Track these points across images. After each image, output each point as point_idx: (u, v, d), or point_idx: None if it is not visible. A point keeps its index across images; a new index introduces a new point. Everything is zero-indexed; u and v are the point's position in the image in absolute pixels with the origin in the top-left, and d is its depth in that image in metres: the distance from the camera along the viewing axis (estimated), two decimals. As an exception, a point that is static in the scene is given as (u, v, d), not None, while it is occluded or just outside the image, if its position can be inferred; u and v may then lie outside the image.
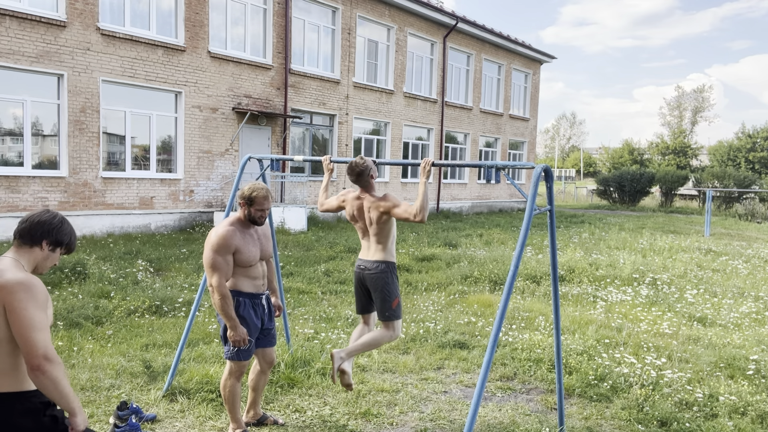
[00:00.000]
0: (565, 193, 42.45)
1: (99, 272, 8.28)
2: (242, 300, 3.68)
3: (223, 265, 3.52)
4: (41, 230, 2.33)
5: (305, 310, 7.25)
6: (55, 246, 2.39)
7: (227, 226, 3.61)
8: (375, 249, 4.13)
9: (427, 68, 22.54)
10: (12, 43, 11.51)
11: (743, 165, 49.72)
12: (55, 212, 2.43)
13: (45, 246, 2.35)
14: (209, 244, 3.55)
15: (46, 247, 2.36)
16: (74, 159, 12.57)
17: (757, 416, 4.44)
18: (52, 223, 2.36)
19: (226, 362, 3.81)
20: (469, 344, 6.04)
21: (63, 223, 2.41)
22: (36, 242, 2.34)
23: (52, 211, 2.44)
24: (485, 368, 3.00)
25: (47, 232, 2.34)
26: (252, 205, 3.65)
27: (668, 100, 60.74)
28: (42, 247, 2.35)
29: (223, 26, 15.42)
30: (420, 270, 10.09)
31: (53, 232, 2.36)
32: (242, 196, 3.67)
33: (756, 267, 11.43)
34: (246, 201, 3.66)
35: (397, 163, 4.54)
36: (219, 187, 15.40)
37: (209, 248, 3.54)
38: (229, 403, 3.80)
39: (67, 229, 2.42)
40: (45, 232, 2.34)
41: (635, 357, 5.60)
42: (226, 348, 3.73)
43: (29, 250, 2.33)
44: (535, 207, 3.22)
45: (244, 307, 3.68)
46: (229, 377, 3.79)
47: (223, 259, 3.52)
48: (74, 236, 2.47)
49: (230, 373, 3.79)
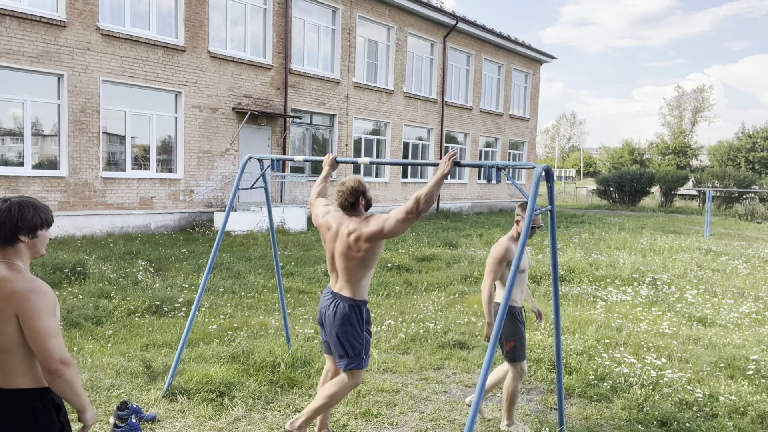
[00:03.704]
0: (565, 193, 42.44)
1: (99, 272, 8.28)
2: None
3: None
4: (7, 229, 2.21)
5: (305, 310, 7.25)
6: (33, 232, 2.27)
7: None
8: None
9: (427, 68, 22.54)
10: (12, 43, 11.51)
11: (743, 165, 49.72)
12: (4, 204, 2.22)
13: (24, 238, 2.25)
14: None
15: (26, 239, 2.25)
16: (74, 159, 12.57)
17: (757, 416, 4.44)
18: (12, 217, 2.20)
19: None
20: (469, 344, 6.04)
21: (21, 208, 2.22)
22: (13, 240, 2.23)
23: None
24: (485, 368, 3.00)
25: (15, 228, 2.21)
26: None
27: (668, 100, 60.69)
28: (22, 240, 2.24)
29: (223, 26, 15.42)
30: (420, 270, 10.09)
31: (20, 224, 2.22)
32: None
33: (756, 267, 11.43)
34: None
35: (402, 162, 4.22)
36: (219, 187, 15.40)
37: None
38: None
39: (29, 213, 2.23)
40: (14, 228, 2.21)
41: (635, 357, 5.60)
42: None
43: (13, 248, 2.24)
44: (535, 207, 3.22)
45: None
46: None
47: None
48: (41, 210, 2.27)
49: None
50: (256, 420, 4.18)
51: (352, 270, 3.48)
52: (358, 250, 3.43)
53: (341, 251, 3.48)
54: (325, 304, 3.59)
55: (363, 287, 3.54)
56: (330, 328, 3.52)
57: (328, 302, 3.57)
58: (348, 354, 3.49)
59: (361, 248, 3.42)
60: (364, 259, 3.45)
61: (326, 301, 3.60)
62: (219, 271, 9.27)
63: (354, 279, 3.50)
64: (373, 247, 3.44)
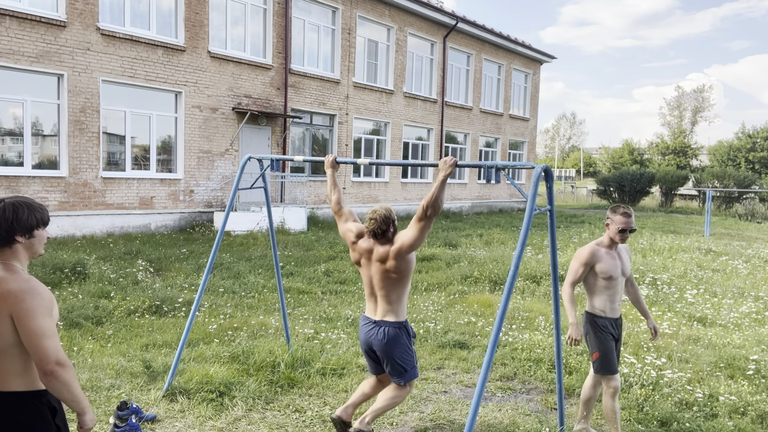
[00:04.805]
0: (565, 193, 42.44)
1: (99, 272, 8.28)
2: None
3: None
4: (3, 230, 2.19)
5: (305, 310, 7.25)
6: (30, 232, 2.24)
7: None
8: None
9: (427, 68, 22.54)
10: (12, 43, 11.51)
11: (743, 165, 49.71)
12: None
13: (21, 239, 2.23)
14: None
15: (23, 239, 2.23)
16: (74, 159, 12.57)
17: (757, 416, 4.44)
18: (6, 218, 2.17)
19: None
20: (469, 344, 6.04)
21: (15, 209, 2.20)
22: (10, 241, 2.22)
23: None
24: (485, 368, 3.00)
25: (11, 229, 2.20)
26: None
27: (668, 100, 60.74)
28: (19, 241, 2.23)
29: (223, 26, 15.42)
30: (420, 270, 10.09)
31: (16, 225, 2.19)
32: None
33: (756, 267, 11.43)
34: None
35: (402, 163, 4.21)
36: (219, 187, 15.40)
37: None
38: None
39: (23, 214, 2.21)
40: (9, 230, 2.19)
41: (635, 357, 5.60)
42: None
43: (10, 249, 2.23)
44: (535, 207, 3.22)
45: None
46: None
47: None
48: (36, 210, 2.25)
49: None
50: (256, 420, 4.18)
51: (391, 291, 3.69)
52: (393, 271, 3.64)
53: (378, 277, 3.70)
54: (372, 333, 3.74)
55: (403, 306, 3.76)
56: (383, 354, 3.72)
57: (374, 330, 3.73)
58: (406, 369, 3.75)
59: (394, 268, 3.62)
60: (399, 279, 3.67)
61: (371, 330, 3.76)
62: (219, 271, 9.27)
63: (395, 300, 3.71)
64: (402, 263, 3.63)
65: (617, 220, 3.95)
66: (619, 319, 4.10)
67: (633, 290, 4.35)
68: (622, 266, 4.04)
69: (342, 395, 4.64)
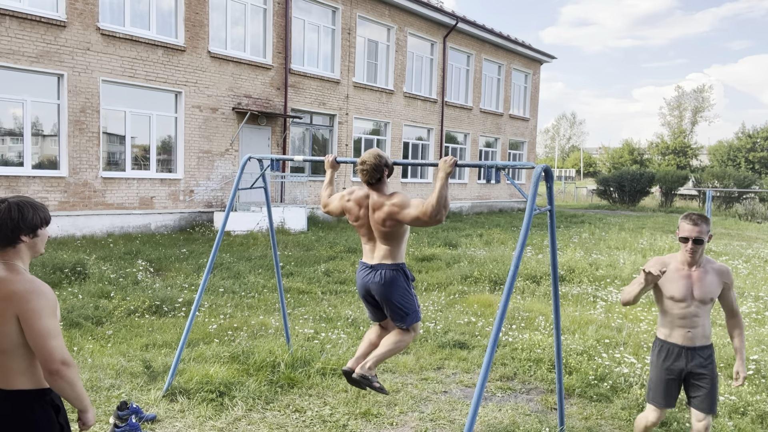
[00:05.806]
0: (565, 193, 42.45)
1: (99, 272, 8.28)
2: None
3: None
4: (8, 229, 2.20)
5: (305, 310, 7.25)
6: (34, 231, 2.26)
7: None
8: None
9: (427, 68, 22.54)
10: (12, 43, 11.51)
11: (743, 165, 49.71)
12: (2, 205, 2.22)
13: (26, 238, 2.25)
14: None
15: (27, 239, 2.25)
16: (74, 159, 12.57)
17: (757, 416, 4.44)
18: (12, 218, 2.19)
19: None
20: (469, 344, 6.04)
21: (21, 209, 2.22)
22: (15, 241, 2.23)
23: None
24: (485, 368, 3.00)
25: (16, 229, 2.21)
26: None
27: (668, 100, 60.75)
28: (23, 240, 2.24)
29: (223, 26, 15.42)
30: (420, 270, 10.09)
31: (21, 225, 2.21)
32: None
33: (756, 267, 11.43)
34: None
35: (402, 163, 4.15)
36: (219, 187, 15.40)
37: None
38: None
39: (28, 213, 2.23)
40: (15, 229, 2.21)
41: (635, 357, 5.60)
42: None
43: (14, 249, 2.24)
44: (535, 207, 3.22)
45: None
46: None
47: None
48: (39, 209, 2.28)
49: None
50: (256, 420, 4.18)
51: (389, 236, 3.66)
52: (390, 221, 3.61)
53: (378, 222, 3.64)
54: (369, 278, 3.71)
55: (402, 251, 3.73)
56: (381, 297, 3.70)
57: (371, 275, 3.70)
58: (407, 312, 3.74)
59: (391, 215, 3.59)
60: (399, 226, 3.64)
61: (368, 274, 3.72)
62: (219, 271, 9.27)
63: (394, 244, 3.68)
64: (397, 224, 3.63)
65: (679, 227, 3.51)
66: (696, 349, 3.50)
67: (731, 322, 3.70)
68: (695, 289, 3.46)
69: (342, 395, 4.64)
